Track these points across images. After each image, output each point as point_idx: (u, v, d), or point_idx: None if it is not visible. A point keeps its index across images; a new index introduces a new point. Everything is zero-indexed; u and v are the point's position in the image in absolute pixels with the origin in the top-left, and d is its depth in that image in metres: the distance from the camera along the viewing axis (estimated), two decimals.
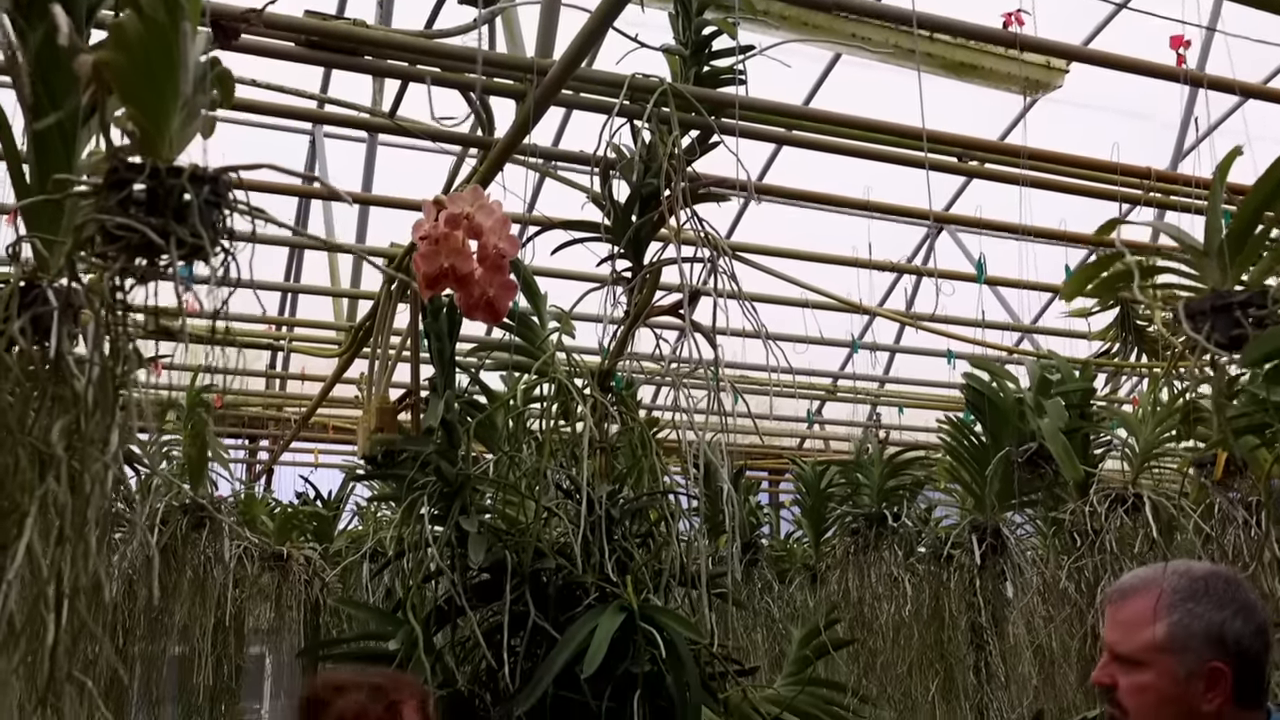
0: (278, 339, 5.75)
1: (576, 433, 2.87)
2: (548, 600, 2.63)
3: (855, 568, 4.61)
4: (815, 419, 7.35)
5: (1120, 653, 1.83)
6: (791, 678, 3.22)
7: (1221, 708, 1.75)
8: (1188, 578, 1.82)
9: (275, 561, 5.20)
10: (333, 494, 6.02)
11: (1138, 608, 1.82)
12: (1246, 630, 1.76)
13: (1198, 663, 1.75)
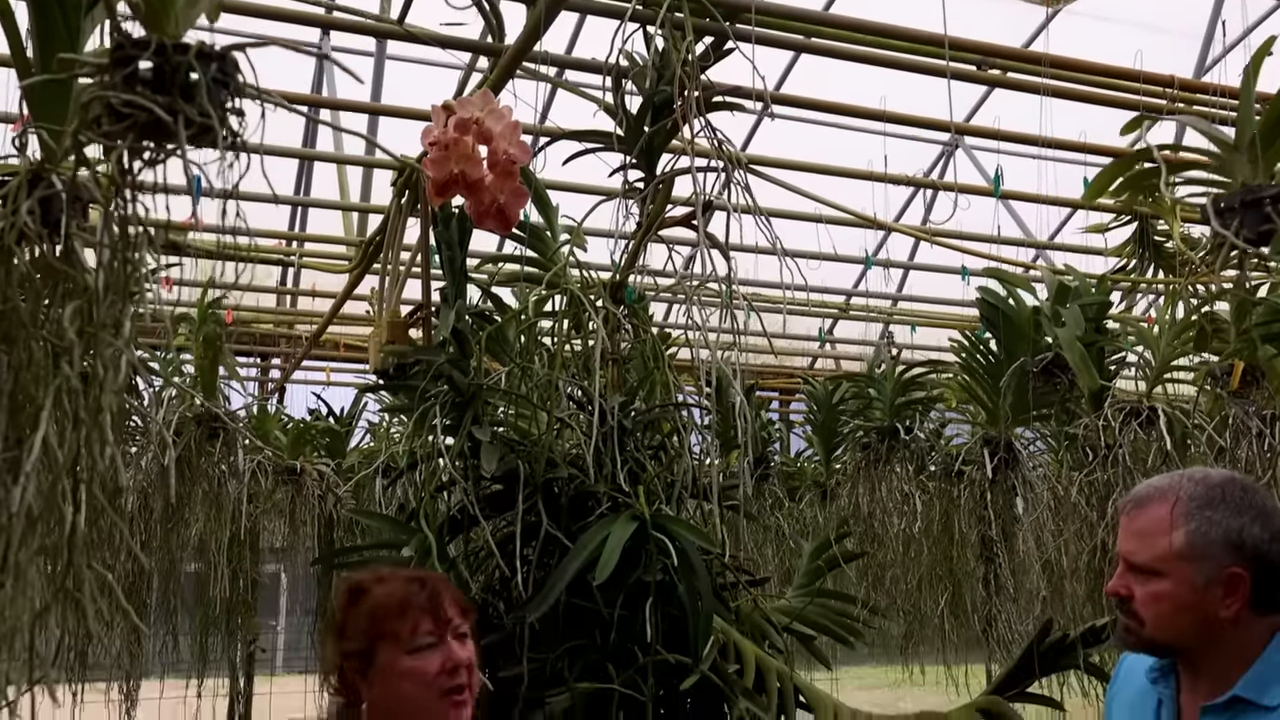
0: (288, 254, 5.73)
1: (588, 345, 2.86)
2: (560, 510, 2.64)
3: (866, 482, 4.62)
4: (828, 338, 7.33)
5: (1136, 562, 1.82)
6: (802, 589, 3.25)
7: (1239, 613, 1.75)
8: (1204, 485, 1.80)
9: (289, 476, 5.24)
10: (345, 411, 6.05)
11: (1154, 516, 1.80)
12: (1264, 535, 1.76)
13: (1216, 569, 1.74)
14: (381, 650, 1.76)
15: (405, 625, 1.77)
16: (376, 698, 1.77)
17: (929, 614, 4.81)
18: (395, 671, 1.76)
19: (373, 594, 1.81)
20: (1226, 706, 1.76)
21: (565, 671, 2.50)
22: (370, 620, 1.78)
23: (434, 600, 1.81)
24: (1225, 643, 1.77)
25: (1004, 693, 2.63)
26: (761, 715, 2.49)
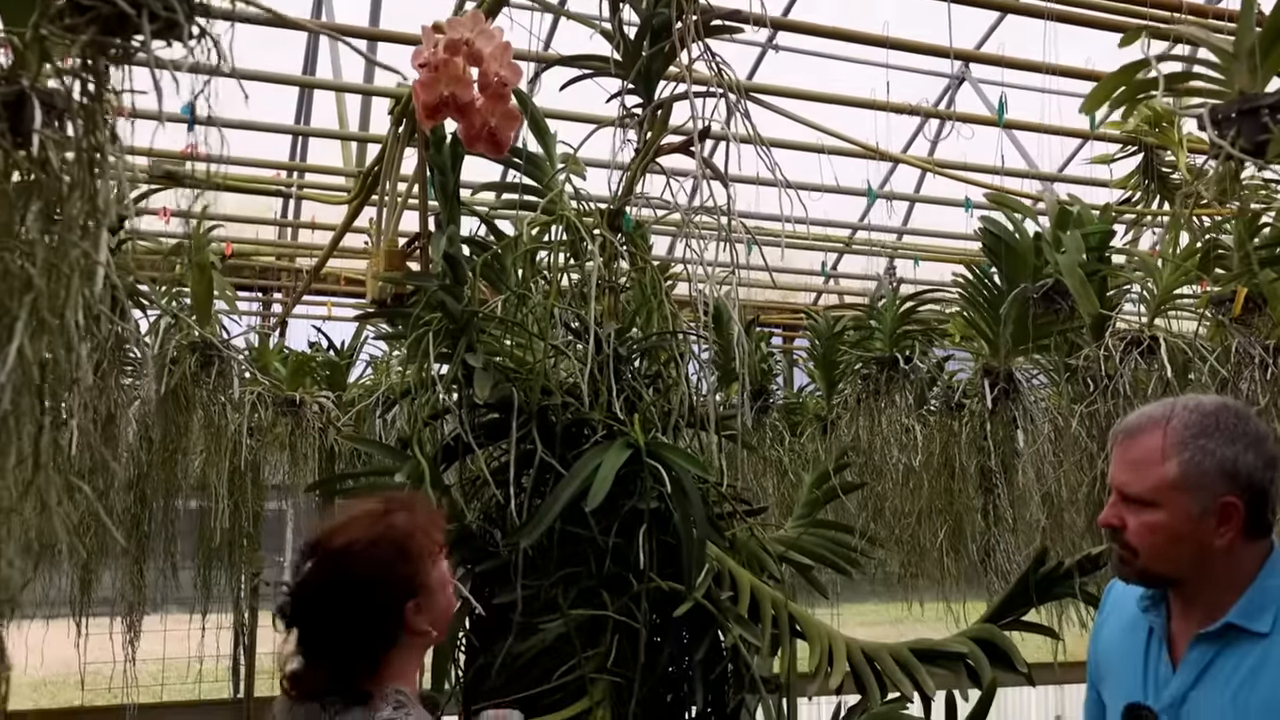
0: (286, 185, 5.68)
1: (585, 273, 2.83)
2: (555, 438, 2.63)
3: (866, 414, 4.61)
4: (830, 273, 7.28)
5: (1130, 493, 1.80)
6: (801, 520, 3.25)
7: (1232, 541, 1.74)
8: (1198, 413, 1.78)
9: (289, 407, 5.24)
10: (345, 344, 6.04)
11: (1147, 446, 1.78)
12: (1258, 463, 1.74)
13: (1210, 499, 1.73)
14: (427, 571, 1.81)
15: (438, 536, 1.85)
16: (436, 620, 1.83)
17: (928, 547, 4.83)
18: (446, 582, 1.85)
19: (398, 527, 1.80)
20: (1219, 634, 1.76)
21: (559, 598, 2.51)
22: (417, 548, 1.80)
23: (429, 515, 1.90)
24: (1218, 571, 1.76)
25: (999, 621, 2.64)
26: (755, 642, 2.49)
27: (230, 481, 5.25)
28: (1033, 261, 3.32)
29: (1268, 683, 1.69)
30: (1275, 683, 1.68)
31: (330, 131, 5.26)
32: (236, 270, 6.33)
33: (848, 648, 2.55)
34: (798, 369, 7.81)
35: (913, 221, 7.30)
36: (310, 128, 5.89)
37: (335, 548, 1.78)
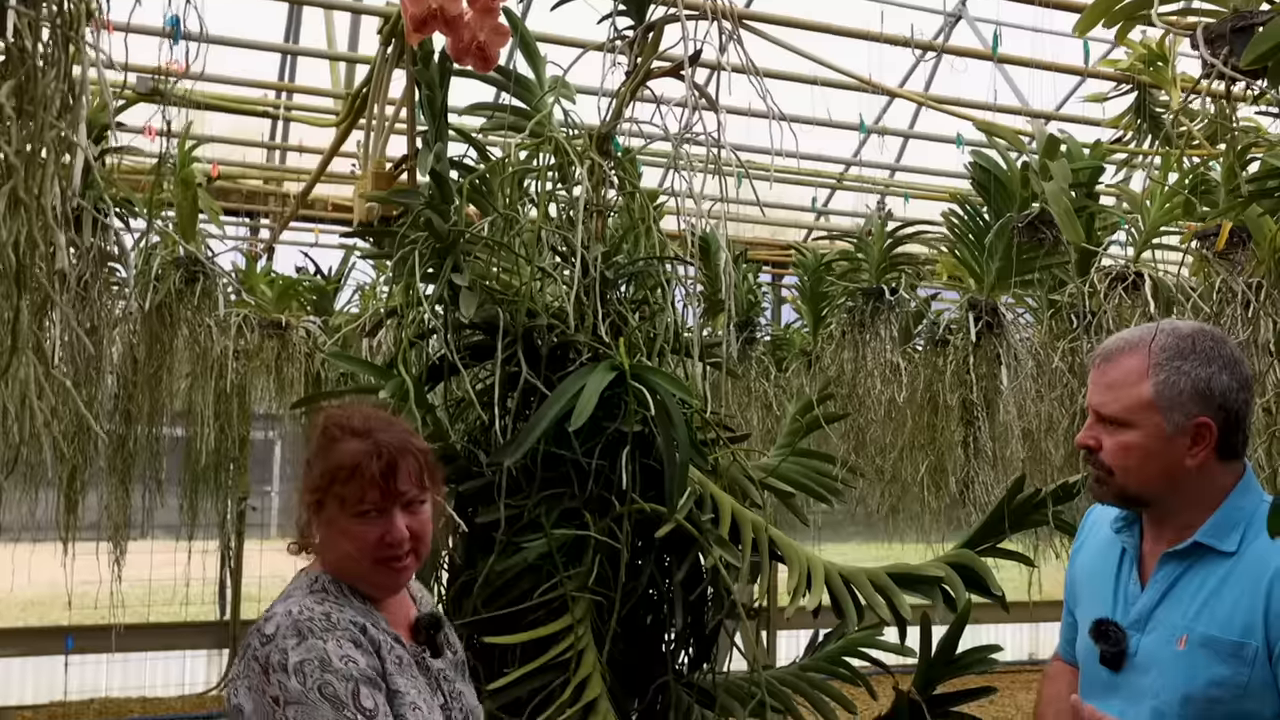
0: (275, 105, 5.62)
1: (573, 196, 2.82)
2: (540, 360, 2.63)
3: (852, 347, 4.62)
4: (821, 210, 7.26)
5: (1106, 414, 1.83)
6: (783, 448, 3.27)
7: (1205, 461, 1.78)
8: (1175, 336, 1.81)
9: (275, 330, 5.23)
10: (333, 270, 6.02)
11: (1124, 368, 1.82)
12: (1232, 385, 1.77)
13: (1184, 419, 1.76)
14: (329, 506, 1.77)
15: (352, 491, 1.75)
16: (322, 546, 1.81)
17: (909, 482, 4.87)
18: (337, 529, 1.77)
19: (334, 449, 1.78)
20: (1187, 553, 1.80)
21: (542, 518, 2.53)
22: (324, 476, 1.77)
23: (387, 472, 1.77)
24: (1190, 491, 1.79)
25: (976, 548, 2.67)
26: (736, 563, 2.52)
27: (216, 404, 5.26)
28: (1020, 193, 3.31)
29: (1229, 599, 1.72)
30: (1237, 599, 1.71)
31: (319, 51, 5.19)
32: (224, 194, 6.28)
33: (826, 571, 2.58)
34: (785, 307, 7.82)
35: (905, 159, 7.27)
36: (299, 46, 5.81)
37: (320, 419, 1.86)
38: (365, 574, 1.79)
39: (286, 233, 6.85)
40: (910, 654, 2.70)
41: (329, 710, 1.59)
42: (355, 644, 1.68)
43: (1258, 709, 1.69)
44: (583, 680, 2.39)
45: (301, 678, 1.60)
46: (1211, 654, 1.71)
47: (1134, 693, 1.80)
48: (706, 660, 2.80)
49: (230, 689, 1.68)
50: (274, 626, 1.65)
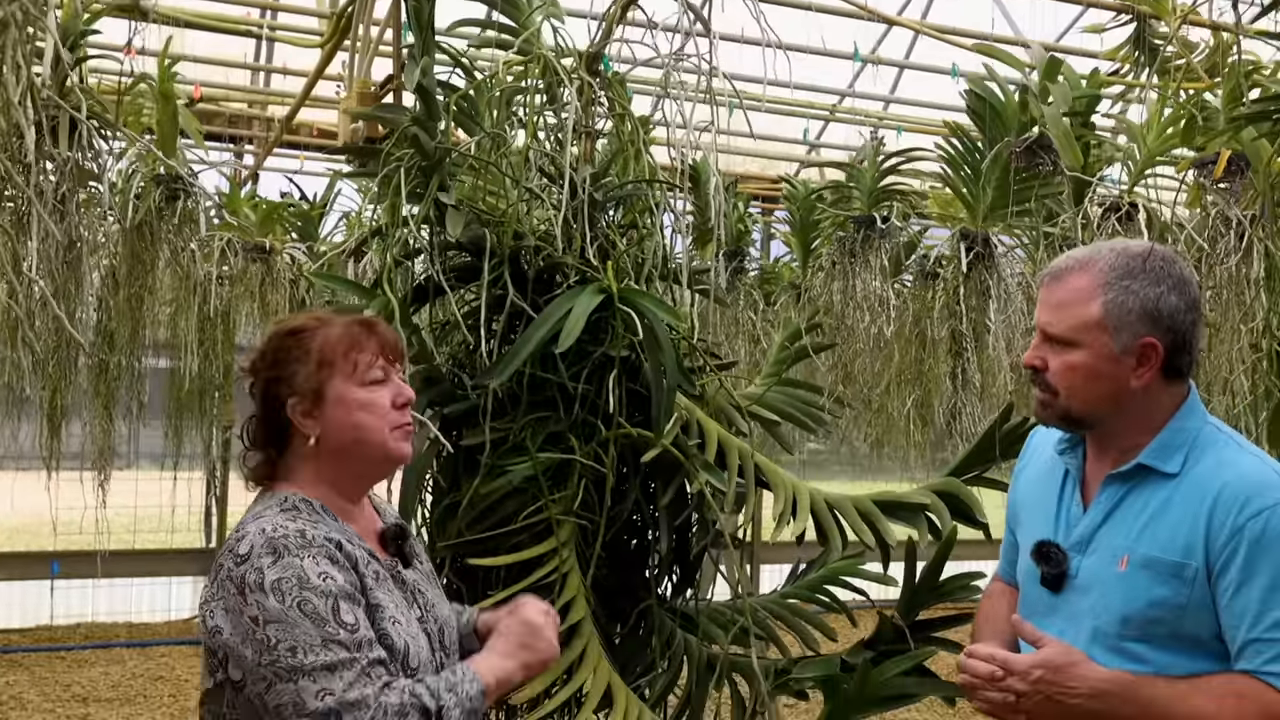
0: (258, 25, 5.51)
1: (562, 117, 2.77)
2: (527, 283, 2.60)
3: (841, 277, 4.58)
4: (813, 143, 7.18)
5: (1053, 333, 1.81)
6: (770, 377, 3.26)
7: (1150, 383, 1.77)
8: (1124, 255, 1.79)
9: (259, 254, 5.16)
10: (318, 196, 5.95)
11: (1072, 287, 1.79)
12: (1180, 305, 1.75)
13: (1131, 339, 1.75)
14: (333, 385, 1.75)
15: (362, 358, 1.77)
16: (328, 434, 1.75)
17: (896, 416, 4.87)
18: (350, 402, 1.75)
19: (318, 333, 1.78)
20: (1130, 474, 1.79)
21: (528, 441, 2.51)
22: (320, 356, 1.75)
23: (381, 339, 1.81)
24: (1134, 412, 1.79)
25: (962, 476, 2.67)
26: (721, 487, 2.52)
27: (200, 331, 5.22)
28: (1017, 119, 3.26)
29: (1171, 521, 1.72)
30: (1179, 521, 1.71)
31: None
32: (207, 118, 6.18)
33: (812, 498, 2.57)
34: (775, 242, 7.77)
35: (900, 91, 7.18)
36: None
37: (264, 339, 1.85)
38: (381, 447, 1.77)
39: (271, 159, 6.75)
40: (893, 583, 2.71)
41: (310, 626, 1.58)
42: (332, 560, 1.66)
43: (1195, 630, 1.69)
44: (567, 603, 2.39)
45: (280, 595, 1.58)
46: (1152, 575, 1.71)
47: (1074, 614, 1.81)
48: (690, 586, 2.81)
49: (205, 610, 1.65)
50: (248, 545, 1.63)
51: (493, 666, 1.75)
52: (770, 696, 2.61)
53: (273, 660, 1.57)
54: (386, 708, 1.57)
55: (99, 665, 7.01)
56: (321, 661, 1.56)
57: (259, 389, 1.79)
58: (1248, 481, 1.69)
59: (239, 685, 1.61)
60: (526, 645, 1.80)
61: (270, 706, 1.57)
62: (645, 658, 2.68)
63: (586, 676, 2.32)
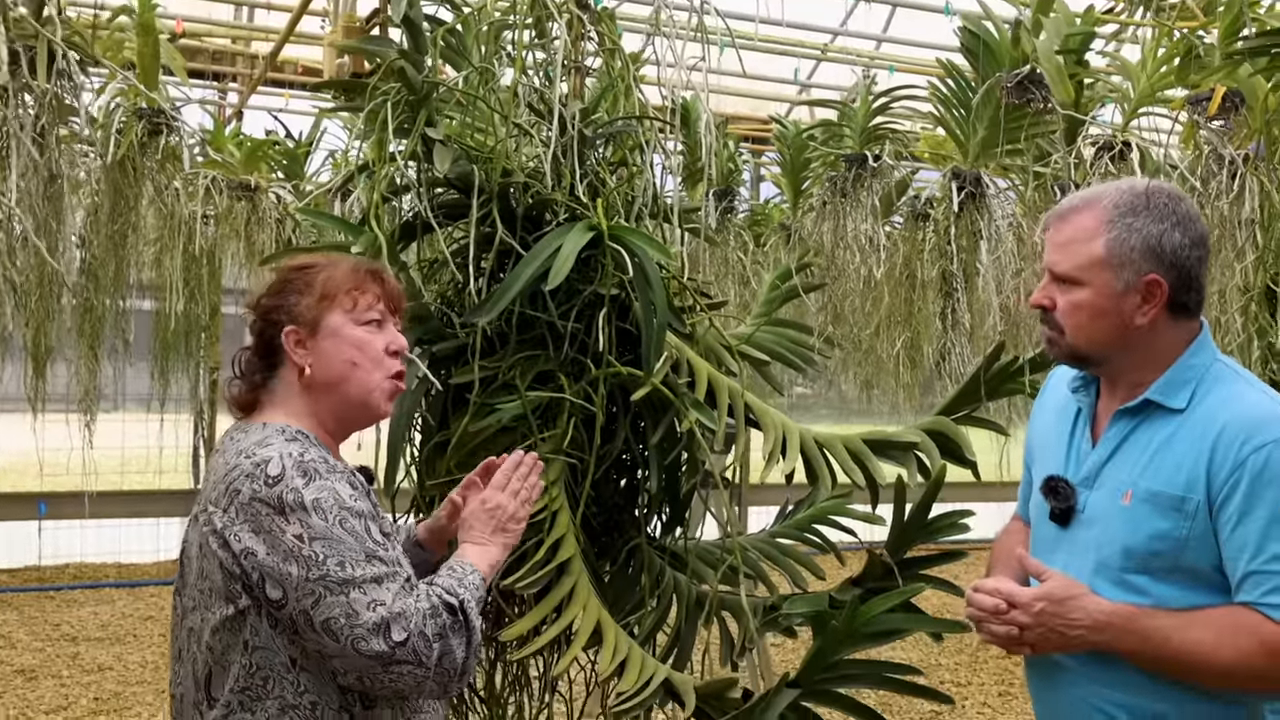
0: None
1: (551, 52, 2.73)
2: (515, 220, 2.58)
3: (832, 216, 4.55)
4: (804, 83, 7.11)
5: (1059, 272, 1.83)
6: (760, 317, 3.25)
7: (1155, 320, 1.78)
8: (1129, 193, 1.80)
9: (244, 192, 5.10)
10: (303, 134, 5.88)
11: (1078, 226, 1.81)
12: (1184, 241, 1.76)
13: (1135, 276, 1.76)
14: (331, 318, 1.77)
15: (360, 297, 1.79)
16: (318, 366, 1.77)
17: (885, 358, 4.87)
18: (344, 338, 1.77)
19: (325, 268, 1.81)
20: (1138, 410, 1.81)
21: (517, 380, 2.50)
22: (323, 289, 1.78)
23: (383, 282, 1.84)
24: (1141, 350, 1.80)
25: (951, 415, 2.67)
26: (711, 425, 2.51)
27: (185, 270, 5.18)
28: (1010, 54, 3.22)
29: (1175, 455, 1.74)
30: (1183, 455, 1.73)
31: None
32: (191, 54, 6.09)
33: (801, 436, 2.57)
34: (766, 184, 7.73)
35: (892, 31, 7.11)
36: None
37: (290, 264, 1.87)
38: (367, 393, 1.79)
39: (255, 97, 6.67)
40: (881, 523, 2.72)
41: (354, 543, 1.61)
42: (352, 485, 1.69)
43: (1195, 562, 1.71)
44: (557, 540, 2.39)
45: (322, 514, 1.61)
46: (1154, 508, 1.74)
47: (1079, 547, 1.83)
48: (679, 524, 2.82)
49: (226, 535, 1.62)
50: (279, 467, 1.62)
51: (479, 555, 1.82)
52: (759, 633, 2.63)
53: (323, 575, 1.58)
54: (424, 613, 1.62)
55: (88, 605, 7.04)
56: (371, 574, 1.61)
57: (258, 315, 1.81)
58: (1251, 416, 1.71)
59: (279, 604, 1.60)
60: (499, 527, 1.88)
61: (318, 621, 1.58)
62: (634, 595, 2.69)
63: (576, 613, 2.33)
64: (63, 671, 5.66)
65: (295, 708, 1.64)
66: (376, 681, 1.61)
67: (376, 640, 1.58)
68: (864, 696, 5.00)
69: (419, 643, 1.60)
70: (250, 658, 1.63)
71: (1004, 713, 5.52)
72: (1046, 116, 3.07)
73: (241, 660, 1.64)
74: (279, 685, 1.63)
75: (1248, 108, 2.47)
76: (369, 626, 1.58)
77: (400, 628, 1.59)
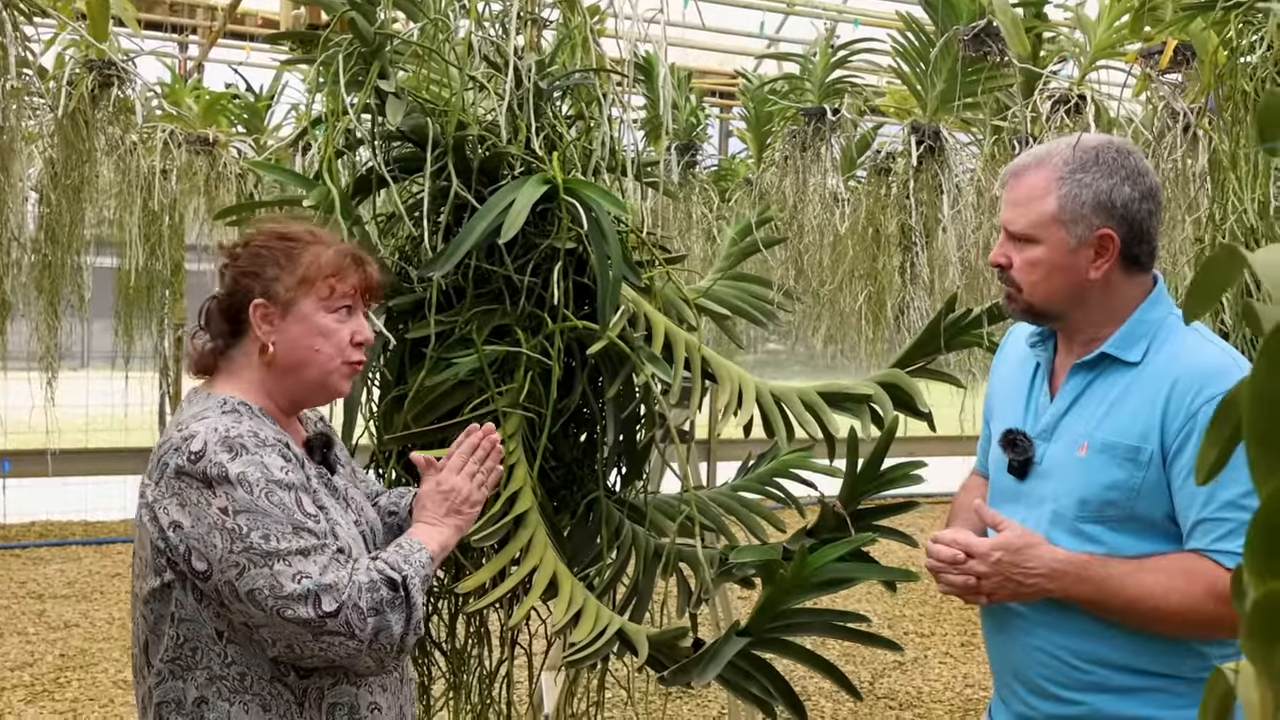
0: None
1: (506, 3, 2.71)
2: (471, 174, 2.57)
3: (794, 171, 4.55)
4: (770, 37, 7.08)
5: (1014, 230, 1.86)
6: (720, 272, 3.25)
7: (1109, 274, 1.80)
8: (1080, 149, 1.82)
9: (202, 146, 5.04)
10: (264, 88, 5.81)
11: (1030, 184, 1.83)
12: (1134, 194, 1.79)
13: (1087, 231, 1.79)
14: (305, 303, 1.76)
15: (338, 285, 1.78)
16: (280, 347, 1.77)
17: (848, 313, 4.90)
18: (314, 324, 1.77)
19: (311, 248, 1.80)
20: (1094, 363, 1.85)
21: (473, 334, 2.50)
22: (305, 271, 1.77)
23: (364, 269, 1.84)
24: (1097, 305, 1.83)
25: (906, 367, 2.69)
26: (667, 380, 2.53)
27: (146, 226, 5.12)
28: (968, 7, 3.23)
29: (1130, 407, 1.78)
30: (1137, 407, 1.77)
31: None
32: (148, 5, 5.99)
33: (757, 390, 2.59)
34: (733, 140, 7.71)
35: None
36: None
37: (254, 230, 1.86)
38: (325, 376, 1.80)
39: (216, 50, 6.58)
40: (839, 474, 2.74)
41: (281, 515, 1.61)
42: (285, 459, 1.68)
43: (1148, 511, 1.75)
44: (514, 494, 2.40)
45: (248, 487, 1.60)
46: (1109, 458, 1.77)
47: (1036, 499, 1.87)
48: (638, 478, 2.84)
49: (156, 509, 1.63)
50: (201, 443, 1.62)
51: (430, 535, 1.83)
52: (715, 584, 2.65)
53: (246, 547, 1.58)
54: (359, 585, 1.62)
55: (55, 563, 7.03)
56: (296, 547, 1.60)
57: (231, 274, 1.79)
58: (1205, 368, 1.73)
59: (204, 576, 1.60)
60: (453, 509, 1.91)
61: (243, 593, 1.58)
62: (594, 548, 2.71)
63: (532, 565, 2.35)
64: (29, 629, 5.66)
65: (223, 679, 1.65)
66: (306, 650, 1.61)
67: (303, 608, 1.58)
68: (828, 648, 5.08)
69: (352, 614, 1.60)
70: (178, 629, 1.65)
71: (965, 661, 5.61)
72: (1004, 70, 3.08)
73: (170, 631, 1.65)
74: (206, 656, 1.65)
75: (1199, 61, 2.48)
76: (294, 596, 1.58)
77: (331, 599, 1.59)
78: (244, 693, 1.65)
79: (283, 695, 1.67)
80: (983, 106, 3.42)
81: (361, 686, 1.75)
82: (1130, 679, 1.78)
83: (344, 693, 1.72)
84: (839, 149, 4.39)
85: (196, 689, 1.65)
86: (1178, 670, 1.77)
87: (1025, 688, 1.89)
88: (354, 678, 1.74)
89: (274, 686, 1.67)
